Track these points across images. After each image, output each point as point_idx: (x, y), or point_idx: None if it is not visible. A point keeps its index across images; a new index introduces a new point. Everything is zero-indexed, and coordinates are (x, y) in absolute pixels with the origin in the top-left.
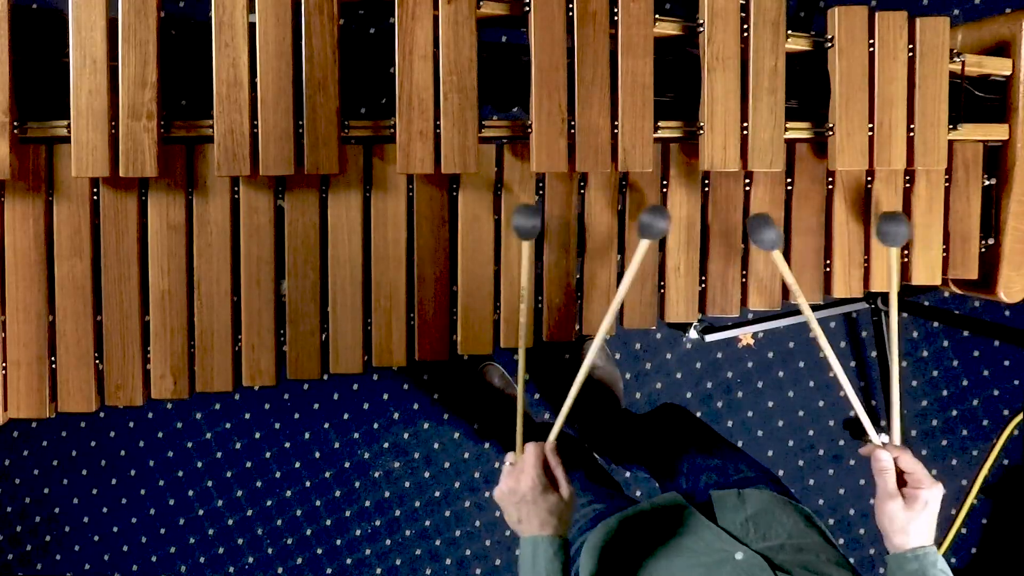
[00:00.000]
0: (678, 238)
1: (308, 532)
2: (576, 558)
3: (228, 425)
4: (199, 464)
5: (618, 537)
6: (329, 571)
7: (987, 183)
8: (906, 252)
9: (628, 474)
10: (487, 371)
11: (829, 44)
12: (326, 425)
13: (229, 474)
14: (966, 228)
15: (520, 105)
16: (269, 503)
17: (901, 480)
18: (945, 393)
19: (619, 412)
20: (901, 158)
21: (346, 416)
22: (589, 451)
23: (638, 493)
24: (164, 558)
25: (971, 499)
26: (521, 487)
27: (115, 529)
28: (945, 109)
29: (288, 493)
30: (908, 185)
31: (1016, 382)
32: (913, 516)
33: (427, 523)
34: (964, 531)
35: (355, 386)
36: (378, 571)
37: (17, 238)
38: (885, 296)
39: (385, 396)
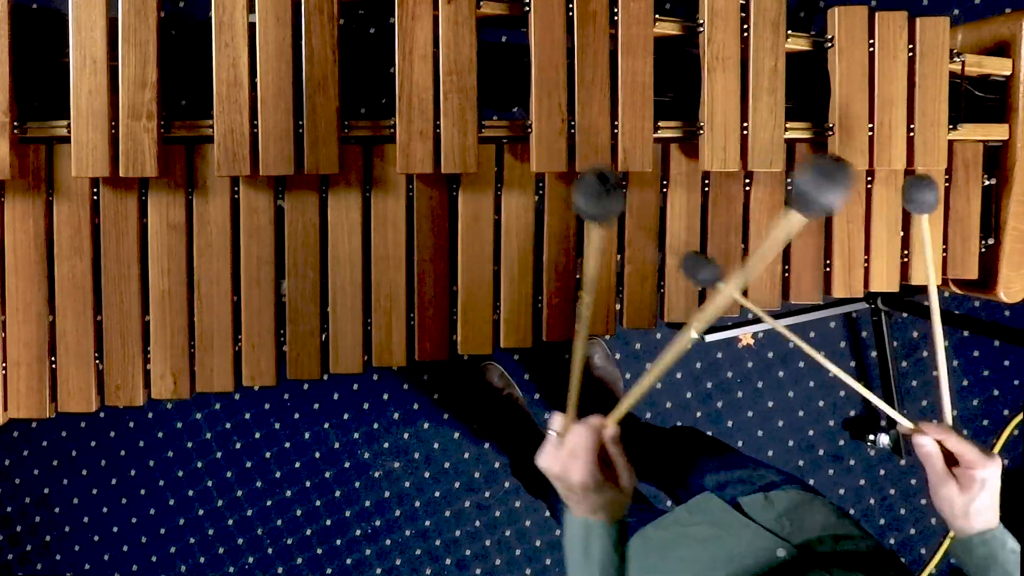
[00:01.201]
0: (678, 238)
1: (308, 532)
2: None
3: (228, 425)
4: (199, 464)
5: (655, 548)
6: (329, 571)
7: (987, 183)
8: (905, 252)
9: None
10: (487, 370)
11: (829, 44)
12: (326, 425)
13: (229, 474)
14: (966, 228)
15: (520, 105)
16: (269, 503)
17: (952, 461)
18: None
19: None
20: (901, 158)
21: (346, 416)
22: None
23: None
24: (164, 558)
25: None
26: (571, 478)
27: (115, 529)
28: (945, 109)
29: (288, 493)
30: None
31: (1016, 382)
32: (971, 498)
33: (427, 523)
34: None
35: (355, 386)
36: (378, 571)
37: (17, 238)
38: (885, 296)
39: (385, 396)
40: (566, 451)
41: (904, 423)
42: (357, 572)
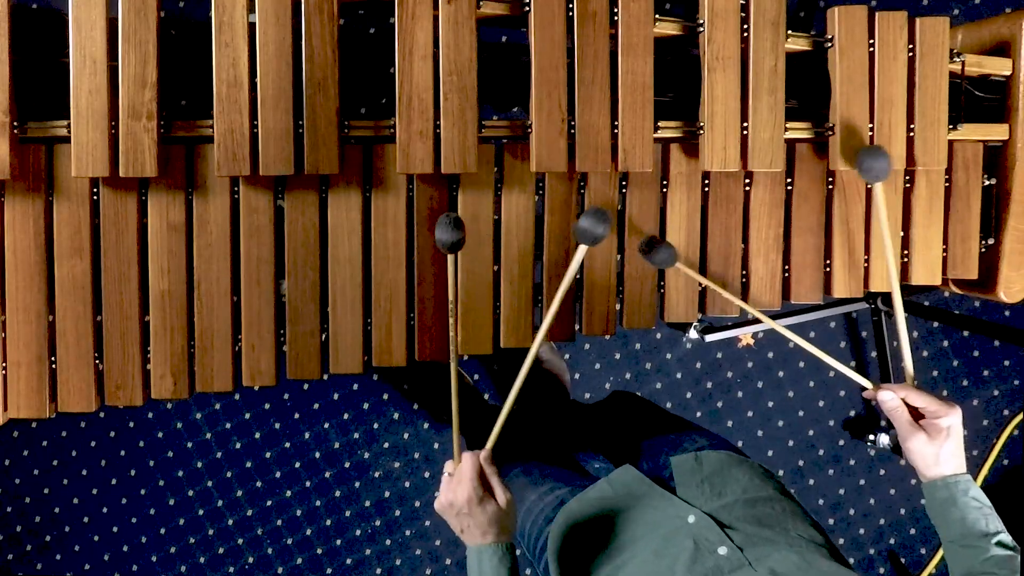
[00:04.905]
0: (678, 238)
1: (308, 532)
2: (543, 552)
3: (228, 425)
4: (199, 464)
5: (579, 523)
6: (329, 571)
7: (987, 183)
8: (906, 252)
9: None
10: None
11: (829, 44)
12: (326, 425)
13: (229, 474)
14: (966, 228)
15: (520, 105)
16: (269, 503)
17: (917, 415)
18: (945, 393)
19: (568, 403)
20: (901, 158)
21: (346, 416)
22: (540, 436)
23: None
24: (164, 558)
25: None
26: (458, 499)
27: (115, 529)
28: (945, 109)
29: (288, 493)
30: (908, 185)
31: (1016, 382)
32: (939, 446)
33: (427, 523)
34: None
35: (355, 386)
36: (378, 571)
37: (17, 238)
38: (885, 296)
39: (385, 396)
40: (455, 481)
41: (865, 384)
42: (357, 572)
